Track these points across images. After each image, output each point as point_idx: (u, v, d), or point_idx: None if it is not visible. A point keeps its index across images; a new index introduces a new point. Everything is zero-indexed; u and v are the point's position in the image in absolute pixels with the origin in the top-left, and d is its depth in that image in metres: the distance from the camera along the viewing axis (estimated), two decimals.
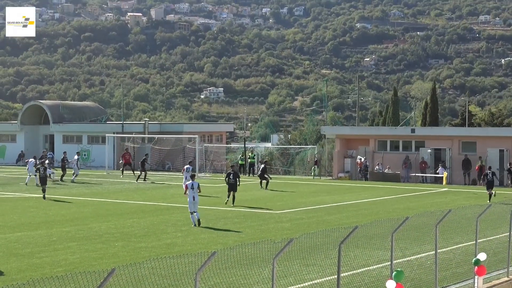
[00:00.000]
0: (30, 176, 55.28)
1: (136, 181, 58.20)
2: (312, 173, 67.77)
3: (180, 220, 34.04)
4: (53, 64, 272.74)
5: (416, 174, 63.20)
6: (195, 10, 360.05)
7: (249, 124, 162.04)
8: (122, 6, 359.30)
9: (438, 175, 61.26)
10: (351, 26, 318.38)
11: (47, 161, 54.02)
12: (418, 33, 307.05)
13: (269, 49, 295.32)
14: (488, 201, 41.09)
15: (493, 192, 44.66)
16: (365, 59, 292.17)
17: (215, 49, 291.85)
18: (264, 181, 52.63)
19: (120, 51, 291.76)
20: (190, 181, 33.70)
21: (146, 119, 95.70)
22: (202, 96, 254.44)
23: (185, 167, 48.67)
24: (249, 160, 68.05)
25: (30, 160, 58.23)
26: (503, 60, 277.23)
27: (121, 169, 65.22)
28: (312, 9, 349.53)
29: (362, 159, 64.00)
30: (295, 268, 21.99)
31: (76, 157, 60.19)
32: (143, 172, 59.55)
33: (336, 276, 18.58)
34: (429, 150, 64.04)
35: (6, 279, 20.99)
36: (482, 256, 21.81)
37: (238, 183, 41.14)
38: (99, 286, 12.67)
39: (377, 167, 64.54)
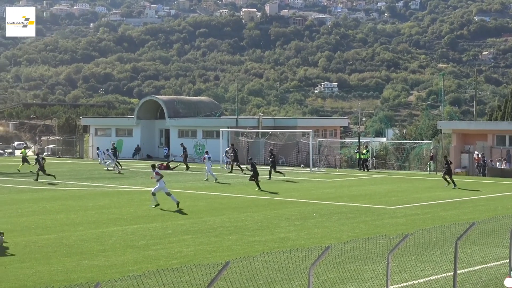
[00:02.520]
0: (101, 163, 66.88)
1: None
2: (428, 169, 66.73)
3: (293, 215, 33.99)
4: (168, 60, 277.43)
5: None
6: (309, 5, 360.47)
7: (364, 119, 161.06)
8: (237, 1, 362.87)
9: None
10: (469, 19, 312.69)
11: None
12: None
13: (384, 43, 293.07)
14: (447, 185, 49.16)
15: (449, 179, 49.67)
16: (483, 53, 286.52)
17: (329, 43, 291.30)
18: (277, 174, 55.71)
19: (235, 47, 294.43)
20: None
21: (260, 113, 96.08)
22: (316, 91, 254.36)
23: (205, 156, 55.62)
24: (362, 156, 67.54)
25: (100, 150, 69.20)
26: None
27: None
28: (429, 2, 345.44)
29: (480, 155, 62.69)
30: (410, 264, 21.66)
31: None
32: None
33: (452, 273, 18.20)
34: None
35: (123, 270, 21.35)
36: None
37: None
38: (213, 278, 12.71)
39: (497, 162, 63.07)
